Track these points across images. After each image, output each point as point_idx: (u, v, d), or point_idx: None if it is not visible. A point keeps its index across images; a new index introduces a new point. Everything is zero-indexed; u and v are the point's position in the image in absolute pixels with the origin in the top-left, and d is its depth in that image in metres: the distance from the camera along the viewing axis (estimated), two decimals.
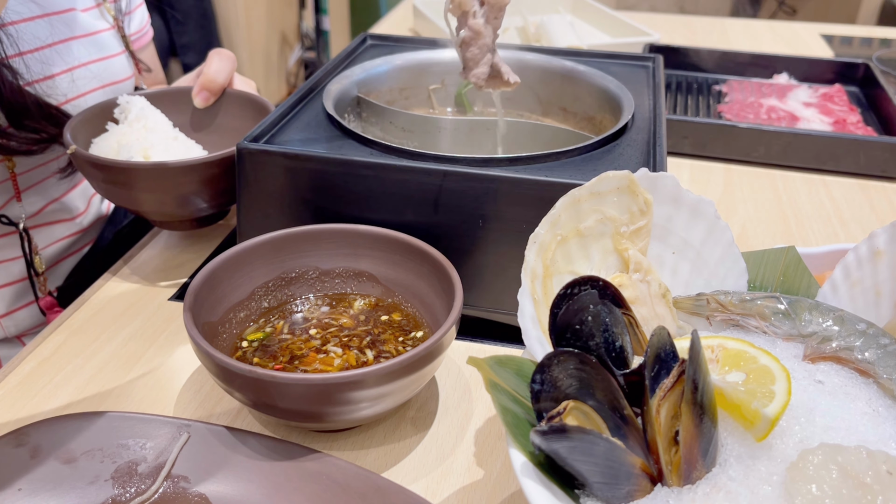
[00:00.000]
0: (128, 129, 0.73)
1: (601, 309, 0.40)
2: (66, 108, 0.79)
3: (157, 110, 0.77)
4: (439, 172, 0.59)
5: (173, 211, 0.70)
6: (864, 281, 0.48)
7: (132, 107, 0.75)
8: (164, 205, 0.69)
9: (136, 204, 0.69)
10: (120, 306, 0.68)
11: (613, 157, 0.63)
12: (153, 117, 0.75)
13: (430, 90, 0.85)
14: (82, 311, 0.67)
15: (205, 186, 0.68)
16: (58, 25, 0.80)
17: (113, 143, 0.72)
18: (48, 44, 0.78)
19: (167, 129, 0.75)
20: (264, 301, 0.61)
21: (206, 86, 0.79)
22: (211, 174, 0.67)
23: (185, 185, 0.67)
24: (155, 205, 0.69)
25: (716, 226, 0.50)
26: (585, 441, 0.35)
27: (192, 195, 0.69)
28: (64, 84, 0.79)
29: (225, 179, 0.69)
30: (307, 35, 3.28)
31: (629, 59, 0.87)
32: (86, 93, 0.82)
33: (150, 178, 0.66)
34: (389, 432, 0.55)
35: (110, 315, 0.67)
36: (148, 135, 0.73)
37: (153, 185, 0.67)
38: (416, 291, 0.60)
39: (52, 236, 0.86)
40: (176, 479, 0.49)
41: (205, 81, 0.79)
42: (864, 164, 0.95)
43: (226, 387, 0.49)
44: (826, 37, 1.56)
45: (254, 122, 0.76)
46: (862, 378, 0.43)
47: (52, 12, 0.80)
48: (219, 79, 0.79)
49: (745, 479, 0.37)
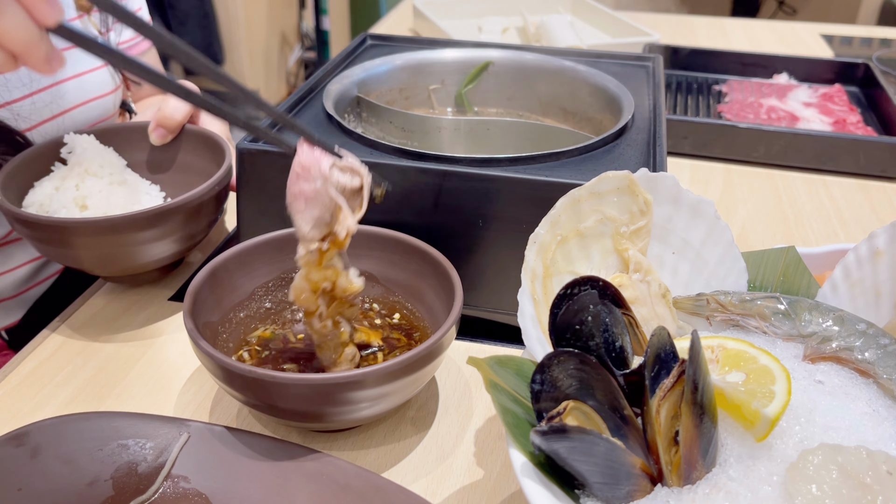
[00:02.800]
0: (68, 172, 0.67)
1: (601, 309, 0.40)
2: (42, 129, 0.73)
3: (107, 149, 0.70)
4: (439, 172, 0.59)
5: (113, 268, 0.64)
6: (864, 281, 0.48)
7: (76, 147, 0.69)
8: (100, 263, 0.63)
9: (69, 261, 0.63)
10: (120, 306, 0.68)
11: (613, 157, 0.63)
12: (98, 159, 0.68)
13: (430, 90, 0.85)
14: (82, 311, 0.67)
15: (142, 242, 0.61)
16: None
17: (49, 189, 0.65)
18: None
19: (115, 172, 0.68)
20: (264, 301, 0.61)
21: (162, 123, 0.72)
22: (145, 227, 0.60)
23: (117, 242, 0.60)
24: (89, 263, 0.63)
25: (716, 226, 0.50)
26: (585, 441, 0.35)
27: (130, 251, 0.61)
28: (26, 108, 0.72)
29: (170, 228, 0.62)
30: (307, 35, 3.28)
31: (629, 59, 0.87)
32: (60, 113, 0.75)
33: (74, 234, 0.59)
34: (389, 432, 0.55)
35: (110, 315, 0.67)
36: (87, 181, 0.66)
37: (82, 243, 0.60)
38: (416, 291, 0.60)
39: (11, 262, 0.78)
40: (176, 479, 0.49)
41: (161, 118, 0.72)
42: (864, 164, 0.95)
43: (226, 387, 0.49)
44: (826, 37, 1.56)
45: (215, 162, 0.70)
46: (862, 378, 0.43)
47: None
48: (176, 116, 0.72)
49: (745, 480, 0.37)
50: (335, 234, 0.49)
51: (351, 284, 0.52)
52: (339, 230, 0.48)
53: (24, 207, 0.65)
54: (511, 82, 0.84)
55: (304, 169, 0.47)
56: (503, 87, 0.85)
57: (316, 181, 0.47)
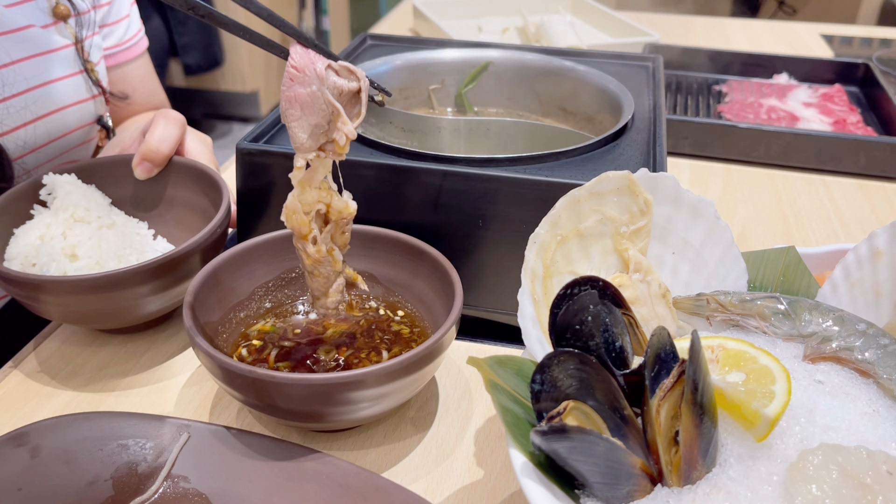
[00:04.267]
0: (52, 219, 0.62)
1: (601, 309, 0.40)
2: (15, 136, 0.71)
3: (90, 188, 0.66)
4: (439, 172, 0.59)
5: (111, 322, 0.60)
6: (864, 281, 0.48)
7: (58, 190, 0.64)
8: (97, 318, 0.59)
9: (62, 318, 0.59)
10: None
11: (613, 157, 0.63)
12: (84, 203, 0.63)
13: (430, 90, 0.85)
14: None
15: (143, 295, 0.57)
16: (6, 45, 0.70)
17: (35, 238, 0.61)
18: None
19: (102, 215, 0.64)
20: (265, 301, 0.61)
21: (147, 156, 0.67)
22: (147, 280, 0.56)
23: (120, 298, 0.56)
24: (84, 318, 0.59)
25: (716, 226, 0.50)
26: (585, 441, 0.35)
27: (131, 305, 0.57)
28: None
29: (173, 278, 0.58)
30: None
31: (629, 59, 0.87)
32: (33, 119, 0.72)
33: (70, 292, 0.55)
34: (389, 432, 0.55)
35: None
36: (75, 227, 0.62)
37: (77, 301, 0.56)
38: (416, 291, 0.60)
39: None
40: (176, 479, 0.49)
41: (146, 151, 0.67)
42: (864, 164, 0.95)
43: (226, 387, 0.49)
44: (826, 37, 1.56)
45: (206, 196, 0.67)
46: (862, 378, 0.43)
47: (8, 30, 0.70)
48: (163, 148, 0.67)
49: (745, 480, 0.37)
50: (334, 142, 0.46)
51: (346, 206, 0.50)
52: (339, 136, 0.46)
53: (7, 260, 0.60)
54: (511, 82, 0.84)
55: (299, 71, 0.44)
56: (503, 87, 0.85)
57: (311, 84, 0.44)
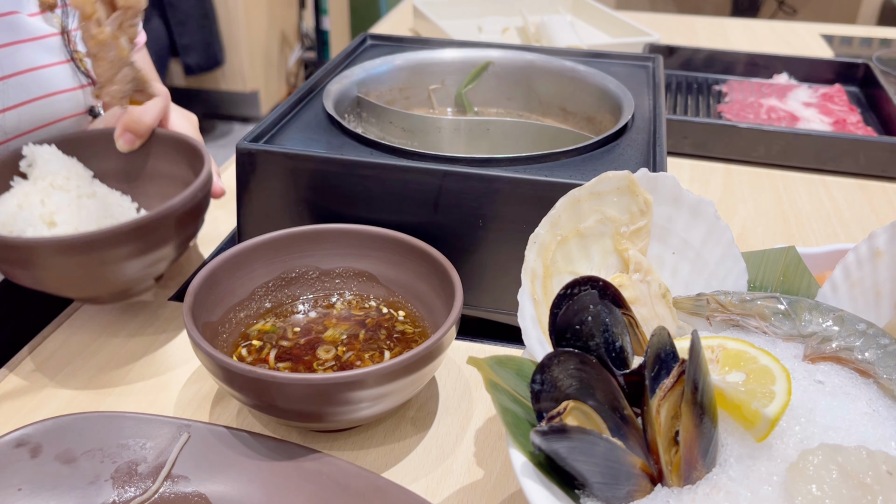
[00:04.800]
0: (31, 187, 0.62)
1: (601, 309, 0.40)
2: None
3: (71, 160, 0.66)
4: (439, 172, 0.59)
5: (88, 290, 0.59)
6: (864, 281, 0.48)
7: (37, 159, 0.63)
8: (75, 285, 0.58)
9: (41, 284, 0.58)
10: (120, 306, 0.68)
11: (613, 157, 0.63)
12: (64, 171, 0.63)
13: (430, 90, 0.85)
14: (83, 311, 0.67)
15: (122, 258, 0.56)
16: None
17: (13, 205, 0.60)
18: None
19: (82, 185, 0.63)
20: (265, 301, 0.61)
21: (129, 127, 0.66)
22: (126, 241, 0.55)
23: (96, 261, 0.55)
24: (62, 285, 0.58)
25: (716, 226, 0.50)
26: (585, 441, 0.35)
27: (108, 269, 0.56)
28: None
29: (151, 242, 0.57)
30: (307, 35, 3.29)
31: (629, 59, 0.87)
32: (14, 105, 0.69)
33: (46, 254, 0.53)
34: (389, 432, 0.55)
35: (110, 315, 0.67)
36: (54, 195, 0.61)
37: (54, 264, 0.54)
38: (416, 291, 0.60)
39: None
40: (176, 479, 0.49)
41: (128, 122, 0.66)
42: (864, 164, 0.95)
43: (226, 387, 0.49)
44: (826, 37, 1.56)
45: (190, 168, 0.66)
46: (862, 378, 0.43)
47: None
48: (145, 119, 0.67)
49: (745, 480, 0.37)
50: None
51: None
52: None
53: None
54: (511, 82, 0.84)
55: None
56: (503, 87, 0.85)
57: None
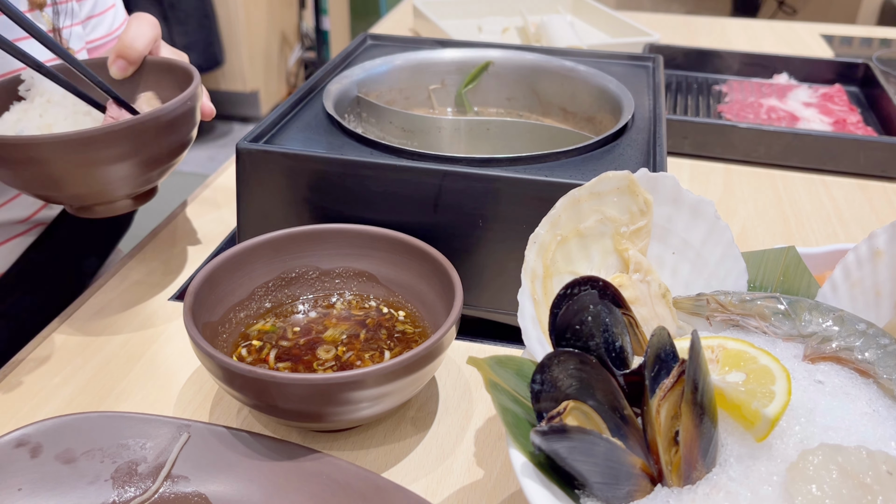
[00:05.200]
0: (28, 105, 0.64)
1: (601, 309, 0.40)
2: None
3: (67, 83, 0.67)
4: (439, 172, 0.59)
5: (82, 191, 0.60)
6: (864, 281, 0.48)
7: (35, 83, 0.65)
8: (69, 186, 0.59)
9: (34, 187, 0.59)
10: (120, 306, 0.68)
11: (613, 157, 0.63)
12: (60, 90, 0.65)
13: (430, 90, 0.85)
14: (82, 310, 0.67)
15: (116, 159, 0.57)
16: None
17: (10, 122, 0.62)
18: None
19: (78, 102, 0.65)
20: (265, 301, 0.61)
21: (122, 53, 0.67)
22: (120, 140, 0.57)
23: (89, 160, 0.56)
24: (55, 187, 0.59)
25: (716, 226, 0.50)
26: (585, 441, 0.35)
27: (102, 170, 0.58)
28: None
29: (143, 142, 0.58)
30: (307, 35, 3.29)
31: (629, 59, 0.87)
32: None
33: (41, 151, 0.55)
34: (389, 432, 0.55)
35: (110, 315, 0.67)
36: (51, 109, 0.63)
37: (50, 160, 0.56)
38: (416, 291, 0.60)
39: None
40: (176, 479, 0.49)
41: (120, 48, 0.67)
42: (864, 164, 0.95)
43: (226, 387, 0.49)
44: (826, 37, 1.56)
45: (181, 90, 0.66)
46: (862, 378, 0.43)
47: None
48: (137, 45, 0.67)
49: (745, 480, 0.37)
50: None
51: None
52: None
53: None
54: (511, 82, 0.84)
55: None
56: (503, 87, 0.85)
57: None
